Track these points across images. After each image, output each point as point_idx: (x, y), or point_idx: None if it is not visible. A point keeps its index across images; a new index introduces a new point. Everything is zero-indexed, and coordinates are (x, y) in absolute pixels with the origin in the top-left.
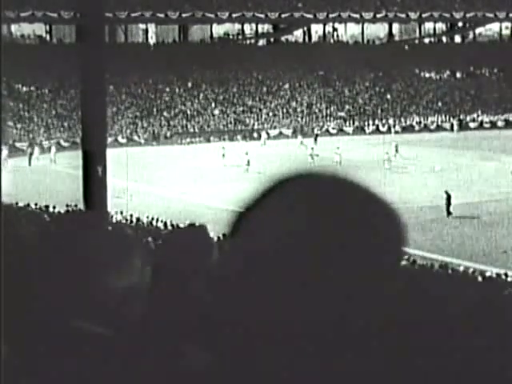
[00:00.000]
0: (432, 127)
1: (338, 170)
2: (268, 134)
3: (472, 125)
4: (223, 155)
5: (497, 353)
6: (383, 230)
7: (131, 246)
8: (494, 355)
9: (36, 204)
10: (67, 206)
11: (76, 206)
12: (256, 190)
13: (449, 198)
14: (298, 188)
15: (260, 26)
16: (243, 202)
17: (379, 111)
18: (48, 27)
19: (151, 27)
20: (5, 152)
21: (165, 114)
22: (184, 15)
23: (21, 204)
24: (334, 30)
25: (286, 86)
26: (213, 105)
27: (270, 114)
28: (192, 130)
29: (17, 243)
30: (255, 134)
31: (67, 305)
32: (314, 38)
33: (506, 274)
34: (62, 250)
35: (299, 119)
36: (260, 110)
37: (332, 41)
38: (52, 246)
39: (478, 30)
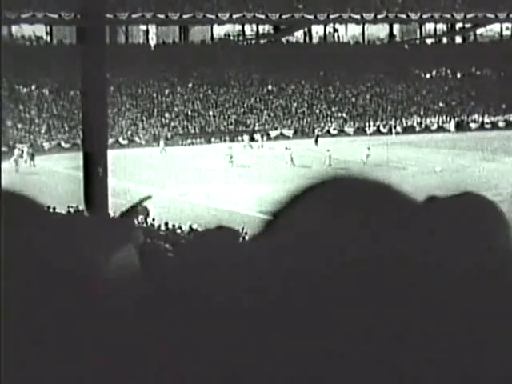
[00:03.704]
0: (433, 128)
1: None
2: (268, 134)
3: (473, 125)
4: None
5: None
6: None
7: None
8: None
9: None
10: (69, 207)
11: (77, 207)
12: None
13: None
14: (341, 189)
15: (261, 27)
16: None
17: (380, 112)
18: (48, 28)
19: (152, 28)
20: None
21: (166, 115)
22: (185, 16)
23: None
24: (335, 30)
25: (287, 86)
26: (212, 106)
27: (271, 114)
28: (193, 131)
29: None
30: (255, 135)
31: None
32: (315, 39)
33: None
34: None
35: (300, 120)
36: (261, 110)
37: (333, 41)
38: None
39: (478, 31)
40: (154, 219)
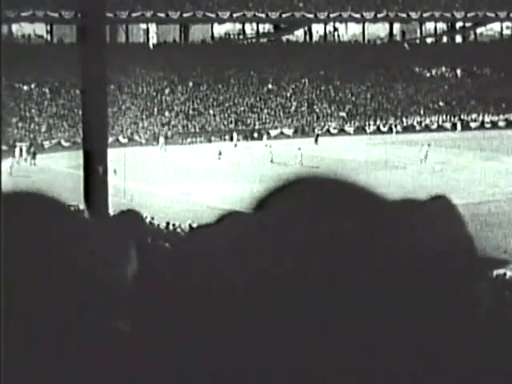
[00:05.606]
0: (433, 127)
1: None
2: (269, 133)
3: (473, 125)
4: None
5: (497, 355)
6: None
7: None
8: (494, 358)
9: None
10: (69, 206)
11: (77, 205)
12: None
13: None
14: (309, 189)
15: (261, 26)
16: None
17: (380, 111)
18: (49, 27)
19: (152, 27)
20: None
21: (166, 113)
22: (185, 15)
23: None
24: (335, 29)
25: (287, 85)
26: (212, 105)
27: (271, 113)
28: (193, 130)
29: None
30: (255, 134)
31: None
32: (315, 38)
33: (505, 274)
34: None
35: (300, 119)
36: (261, 109)
37: (333, 40)
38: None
39: (479, 30)
40: (152, 218)
